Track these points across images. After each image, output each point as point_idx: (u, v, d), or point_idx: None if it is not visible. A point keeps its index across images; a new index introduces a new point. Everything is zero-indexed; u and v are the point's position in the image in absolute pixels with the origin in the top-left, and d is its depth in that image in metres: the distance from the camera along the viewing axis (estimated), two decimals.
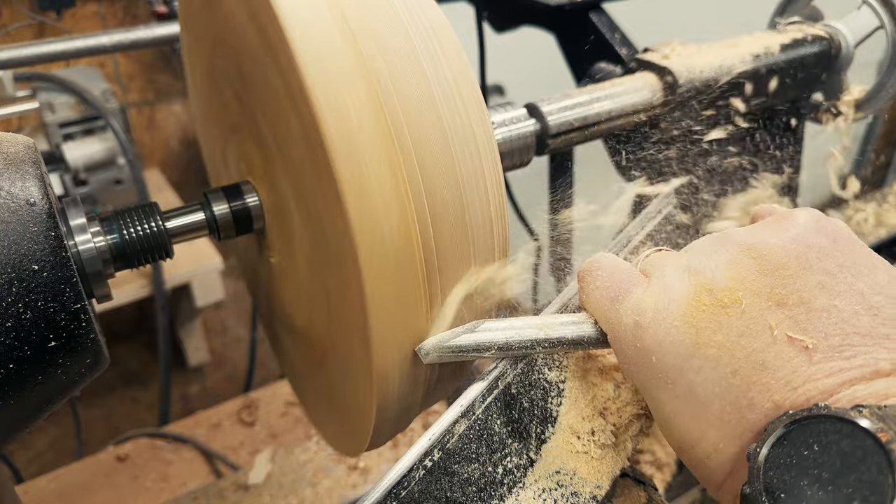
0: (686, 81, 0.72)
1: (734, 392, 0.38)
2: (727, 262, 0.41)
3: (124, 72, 1.82)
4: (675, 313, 0.41)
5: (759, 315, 0.39)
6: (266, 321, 0.87)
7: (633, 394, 0.51)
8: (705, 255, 0.43)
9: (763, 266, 0.40)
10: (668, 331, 0.41)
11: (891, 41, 0.83)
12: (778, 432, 0.35)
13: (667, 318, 0.41)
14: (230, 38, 0.60)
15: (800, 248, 0.40)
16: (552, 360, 0.53)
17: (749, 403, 0.38)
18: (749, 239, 0.42)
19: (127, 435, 1.34)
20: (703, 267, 0.42)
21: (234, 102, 0.66)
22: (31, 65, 0.98)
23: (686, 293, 0.41)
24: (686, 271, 0.42)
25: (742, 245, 0.42)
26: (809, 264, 0.40)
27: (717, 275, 0.41)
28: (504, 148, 0.66)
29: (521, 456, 0.49)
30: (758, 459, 0.35)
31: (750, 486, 0.35)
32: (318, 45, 0.46)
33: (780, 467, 0.35)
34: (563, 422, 0.51)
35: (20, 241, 0.44)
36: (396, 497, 0.45)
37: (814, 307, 0.38)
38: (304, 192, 0.55)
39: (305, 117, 0.47)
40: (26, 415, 0.48)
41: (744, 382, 0.38)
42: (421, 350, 0.51)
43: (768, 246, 0.41)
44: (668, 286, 0.42)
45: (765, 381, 0.38)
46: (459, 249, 0.51)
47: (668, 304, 0.41)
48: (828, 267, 0.40)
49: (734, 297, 0.40)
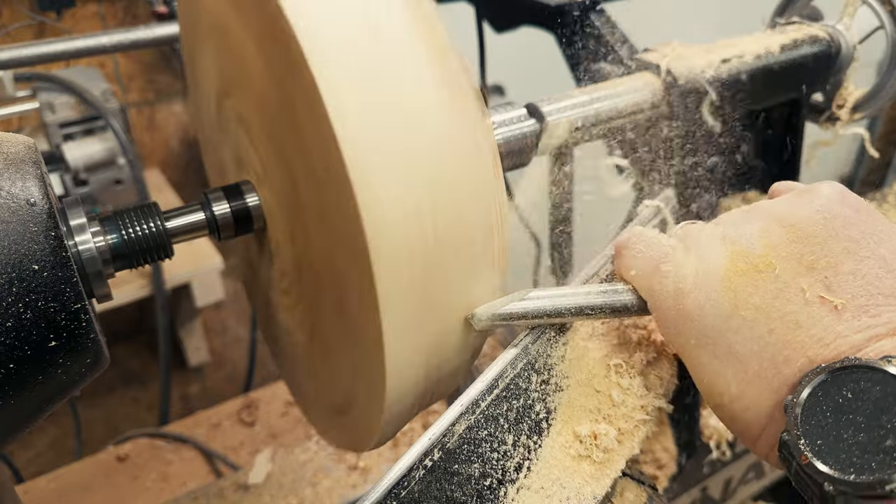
0: (686, 81, 0.72)
1: (771, 350, 0.42)
2: (760, 231, 0.45)
3: (124, 72, 1.82)
4: (715, 278, 0.44)
5: (791, 279, 0.42)
6: (264, 324, 0.87)
7: (638, 399, 0.51)
8: (738, 226, 0.46)
9: (793, 234, 0.44)
10: (708, 295, 0.44)
11: (891, 41, 0.83)
12: (815, 382, 0.38)
13: (707, 283, 0.44)
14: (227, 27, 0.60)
15: (826, 217, 0.44)
16: (553, 361, 0.53)
17: (785, 360, 0.41)
18: (778, 210, 0.46)
19: (127, 435, 1.34)
20: (738, 236, 0.45)
21: (234, 99, 0.66)
22: (31, 65, 0.98)
23: (724, 260, 0.45)
24: (722, 240, 0.46)
25: (772, 215, 0.45)
26: (836, 232, 0.43)
27: (752, 243, 0.44)
28: (504, 148, 0.66)
29: (522, 456, 0.49)
30: (795, 408, 0.38)
31: (788, 433, 0.38)
32: (329, 45, 0.46)
33: (817, 414, 0.38)
34: (565, 425, 0.51)
35: (20, 241, 0.44)
36: (396, 497, 0.45)
37: (841, 271, 0.42)
38: (309, 193, 0.55)
39: (314, 116, 0.47)
40: (26, 415, 0.48)
41: (779, 340, 0.41)
42: (473, 317, 0.53)
43: (797, 216, 0.44)
44: (706, 254, 0.46)
45: (799, 339, 0.41)
46: (461, 249, 0.51)
47: (707, 271, 0.45)
48: (852, 234, 0.43)
49: (768, 263, 0.43)
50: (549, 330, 0.53)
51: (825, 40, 0.81)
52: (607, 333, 0.54)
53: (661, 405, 0.53)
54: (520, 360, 0.51)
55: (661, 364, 0.55)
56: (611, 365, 0.52)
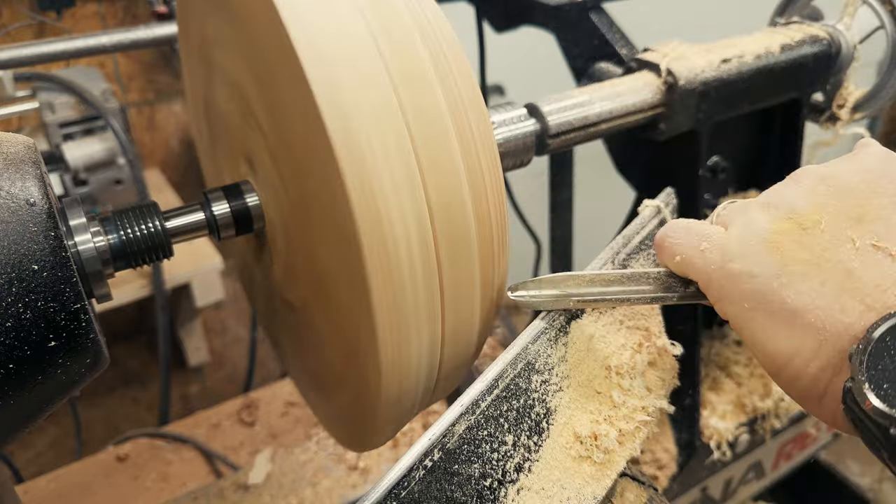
0: (686, 81, 0.72)
1: (826, 299, 0.41)
2: (803, 191, 0.45)
3: (124, 72, 1.82)
4: (758, 240, 0.44)
5: (839, 232, 0.42)
6: (265, 322, 0.87)
7: (639, 400, 0.51)
8: (781, 190, 0.47)
9: (837, 190, 0.44)
10: (754, 257, 0.44)
11: (891, 41, 0.83)
12: (881, 329, 0.38)
13: (752, 246, 0.45)
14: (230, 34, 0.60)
15: (870, 175, 0.44)
16: (553, 361, 0.53)
17: (842, 308, 0.40)
18: (822, 171, 0.46)
19: (127, 435, 1.34)
20: (781, 199, 0.46)
21: (234, 98, 0.66)
22: (31, 65, 0.98)
23: (767, 222, 0.45)
24: (766, 206, 0.46)
25: (816, 175, 0.45)
26: (882, 187, 0.43)
27: (795, 202, 0.45)
28: (504, 148, 0.66)
29: (522, 457, 0.49)
30: (861, 354, 0.38)
31: (853, 379, 0.38)
32: (320, 43, 0.46)
33: (884, 359, 0.37)
34: (566, 426, 0.51)
35: (20, 241, 0.44)
36: (396, 497, 0.45)
37: (892, 222, 0.41)
38: (307, 192, 0.55)
39: (309, 119, 0.47)
40: (26, 415, 0.48)
41: (833, 290, 0.41)
42: (509, 294, 0.54)
43: (841, 174, 0.44)
44: (749, 220, 0.46)
45: (854, 286, 0.40)
46: (462, 250, 0.51)
47: (751, 234, 0.45)
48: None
49: (814, 219, 0.43)
50: (550, 330, 0.53)
51: (825, 40, 0.81)
52: (607, 335, 0.54)
53: (662, 406, 0.53)
54: (520, 361, 0.51)
55: (662, 365, 0.55)
56: (611, 366, 0.52)
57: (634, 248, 0.62)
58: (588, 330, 0.54)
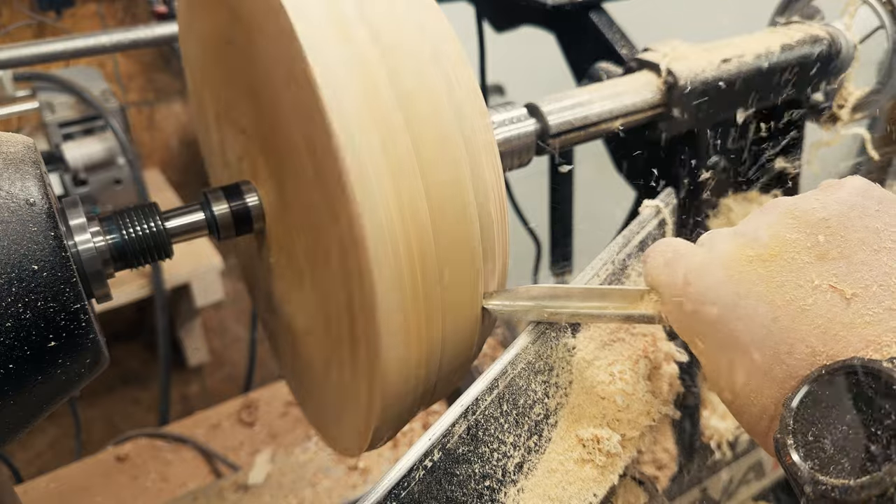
0: (686, 81, 0.72)
1: (774, 338, 0.40)
2: (770, 222, 0.44)
3: (124, 72, 1.82)
4: (719, 267, 0.44)
5: (799, 268, 0.41)
6: (266, 322, 0.87)
7: (644, 405, 0.51)
8: (751, 220, 0.46)
9: (804, 224, 0.42)
10: (713, 284, 0.43)
11: (891, 41, 0.83)
12: (811, 382, 0.37)
13: (711, 273, 0.44)
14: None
15: (842, 208, 0.42)
16: (554, 361, 0.53)
17: (789, 350, 0.39)
18: (794, 203, 0.44)
19: (127, 435, 1.34)
20: (748, 229, 0.45)
21: (241, 100, 0.66)
22: (31, 64, 0.98)
23: (730, 249, 0.44)
24: (734, 235, 0.45)
25: (786, 208, 0.44)
26: (851, 223, 0.41)
27: (759, 233, 0.44)
28: (504, 148, 0.66)
29: (522, 457, 0.49)
30: (790, 407, 0.37)
31: (781, 432, 0.37)
32: (325, 46, 0.46)
33: (811, 415, 0.36)
34: (567, 428, 0.51)
35: (20, 240, 0.44)
36: (396, 497, 0.45)
37: (854, 261, 0.40)
38: (308, 192, 0.55)
39: (314, 123, 0.47)
40: (26, 415, 0.48)
41: (784, 328, 0.40)
42: (486, 305, 0.53)
43: (811, 207, 0.43)
44: (715, 246, 0.45)
45: (804, 328, 0.39)
46: (462, 251, 0.51)
47: (713, 261, 0.44)
48: (871, 225, 0.41)
49: (775, 252, 0.42)
50: (550, 330, 0.53)
51: (825, 40, 0.81)
52: (611, 343, 0.54)
53: (667, 412, 0.53)
54: (520, 361, 0.51)
55: (667, 370, 0.55)
56: (615, 372, 0.52)
57: (634, 249, 0.62)
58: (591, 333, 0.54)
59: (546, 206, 1.10)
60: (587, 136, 0.71)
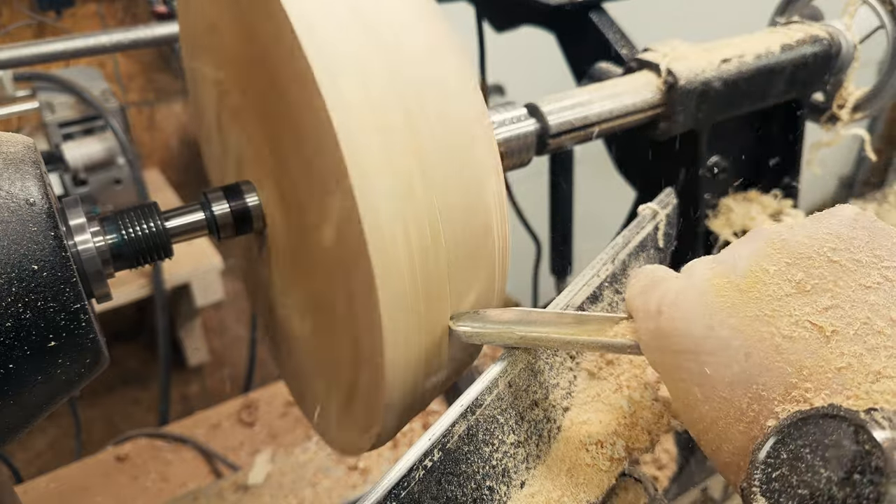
0: (686, 81, 0.72)
1: (746, 375, 0.37)
2: (752, 251, 0.41)
3: (124, 72, 1.82)
4: (692, 296, 0.41)
5: (777, 301, 0.38)
6: (265, 323, 0.87)
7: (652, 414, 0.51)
8: (733, 248, 0.43)
9: (786, 255, 0.39)
10: (683, 313, 0.41)
11: (891, 41, 0.83)
12: (782, 430, 0.34)
13: (684, 301, 0.41)
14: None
15: (830, 238, 0.39)
16: (558, 361, 0.53)
17: (761, 388, 0.37)
18: (779, 231, 0.42)
19: (127, 435, 1.34)
20: (728, 257, 0.42)
21: (233, 98, 0.66)
22: (31, 64, 0.98)
23: (707, 277, 0.42)
24: (714, 262, 0.43)
25: (769, 236, 0.41)
26: (837, 254, 0.38)
27: (738, 262, 0.41)
28: (504, 148, 0.66)
29: (523, 458, 0.49)
30: (757, 458, 0.34)
31: (747, 481, 0.34)
32: (329, 43, 0.46)
33: (780, 466, 0.33)
34: (571, 431, 0.50)
35: (20, 240, 0.44)
36: (396, 497, 0.45)
37: (838, 295, 0.37)
38: (308, 193, 0.55)
39: (318, 120, 0.47)
40: (26, 415, 0.48)
41: (756, 366, 0.37)
42: (454, 328, 0.51)
43: (795, 237, 0.40)
44: (693, 274, 0.43)
45: (778, 366, 0.36)
46: (462, 251, 0.51)
47: (687, 288, 0.42)
48: (860, 258, 0.38)
49: (751, 282, 0.39)
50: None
51: (825, 40, 0.81)
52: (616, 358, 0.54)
53: (675, 426, 0.52)
54: (520, 361, 0.51)
55: None
56: (622, 380, 0.51)
57: (633, 250, 0.62)
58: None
59: (546, 206, 1.10)
60: (587, 136, 0.71)
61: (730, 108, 0.77)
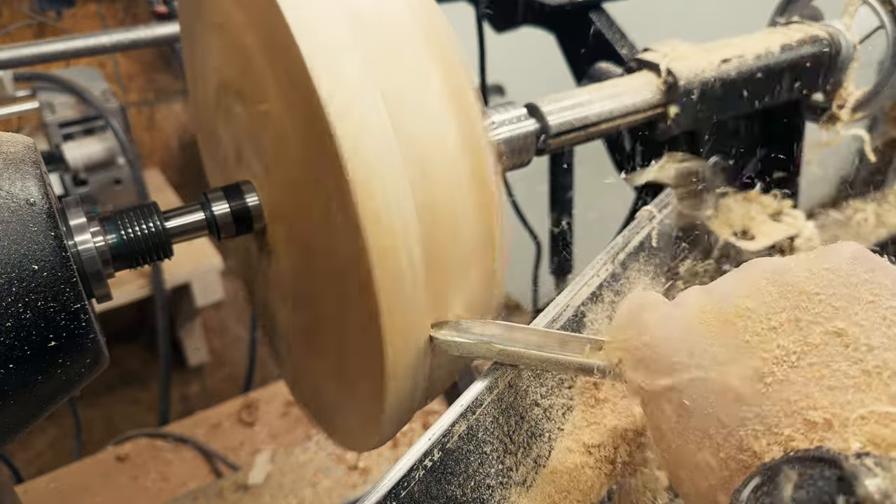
0: (686, 81, 0.72)
1: (725, 409, 0.36)
2: (744, 283, 0.40)
3: (124, 72, 1.82)
4: (677, 324, 0.40)
5: (764, 334, 0.37)
6: (264, 321, 0.87)
7: None
8: (726, 279, 0.42)
9: (780, 289, 0.38)
10: (668, 341, 0.40)
11: (891, 41, 0.83)
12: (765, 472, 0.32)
13: (669, 330, 0.40)
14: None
15: (828, 274, 0.38)
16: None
17: (741, 422, 0.35)
18: (774, 264, 0.40)
19: (127, 435, 1.34)
20: (720, 287, 0.41)
21: (234, 97, 0.66)
22: (31, 65, 0.98)
23: (694, 307, 0.40)
24: (703, 291, 0.42)
25: (765, 269, 0.40)
26: (833, 290, 0.37)
27: (729, 293, 0.40)
28: (504, 148, 0.66)
29: (525, 459, 0.49)
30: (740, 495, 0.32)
31: None
32: (324, 40, 0.46)
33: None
34: (573, 433, 0.50)
35: (20, 240, 0.44)
36: (396, 497, 0.45)
37: (831, 331, 0.36)
38: (309, 194, 0.55)
39: (315, 118, 0.47)
40: (26, 415, 0.48)
41: (736, 402, 0.36)
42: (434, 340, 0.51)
43: (791, 272, 0.39)
44: (683, 302, 0.42)
45: (763, 404, 0.35)
46: (462, 250, 0.51)
47: (673, 317, 0.41)
48: (858, 295, 0.37)
49: (739, 314, 0.38)
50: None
51: (825, 40, 0.81)
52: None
53: None
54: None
55: None
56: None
57: (632, 252, 0.62)
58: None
59: (546, 206, 1.10)
60: (587, 136, 0.71)
61: (730, 108, 0.77)
